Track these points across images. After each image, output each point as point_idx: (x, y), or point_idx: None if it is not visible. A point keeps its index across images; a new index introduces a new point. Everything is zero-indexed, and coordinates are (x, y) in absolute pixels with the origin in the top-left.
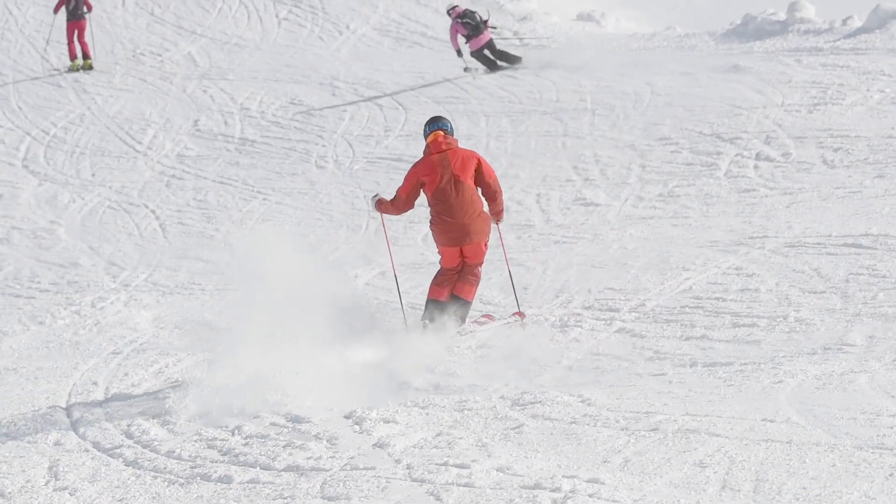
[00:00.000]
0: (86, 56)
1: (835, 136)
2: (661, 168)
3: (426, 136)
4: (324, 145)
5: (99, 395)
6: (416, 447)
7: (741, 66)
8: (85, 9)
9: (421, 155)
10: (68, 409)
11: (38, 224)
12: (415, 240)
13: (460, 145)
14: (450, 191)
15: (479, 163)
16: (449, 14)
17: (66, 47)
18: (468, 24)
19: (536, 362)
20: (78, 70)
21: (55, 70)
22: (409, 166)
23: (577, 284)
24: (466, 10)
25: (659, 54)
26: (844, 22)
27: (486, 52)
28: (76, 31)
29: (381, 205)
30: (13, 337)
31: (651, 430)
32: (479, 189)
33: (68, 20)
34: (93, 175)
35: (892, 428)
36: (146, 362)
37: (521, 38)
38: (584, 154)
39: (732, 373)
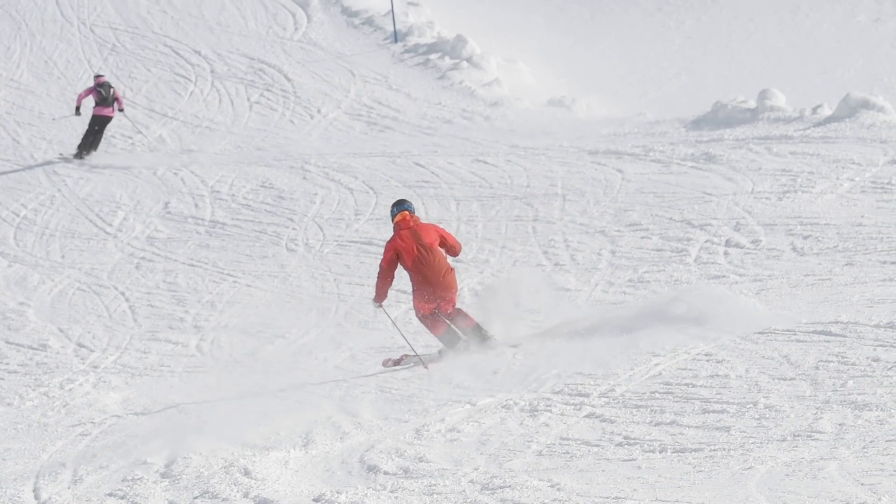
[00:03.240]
0: None
1: (804, 224)
2: (631, 254)
3: (393, 216)
4: (294, 228)
5: (67, 477)
6: None
7: (711, 154)
8: None
9: (391, 233)
10: (36, 491)
11: (7, 305)
12: (385, 323)
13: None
14: (426, 256)
15: (442, 233)
16: (95, 79)
17: (36, 129)
18: (100, 94)
19: (506, 447)
20: None
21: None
22: (379, 250)
23: (546, 369)
24: (107, 82)
25: (629, 140)
26: (814, 110)
27: (97, 127)
28: None
29: (375, 296)
30: None
31: None
32: (444, 249)
33: None
34: (62, 257)
35: None
36: (115, 444)
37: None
38: (554, 239)
39: (702, 459)
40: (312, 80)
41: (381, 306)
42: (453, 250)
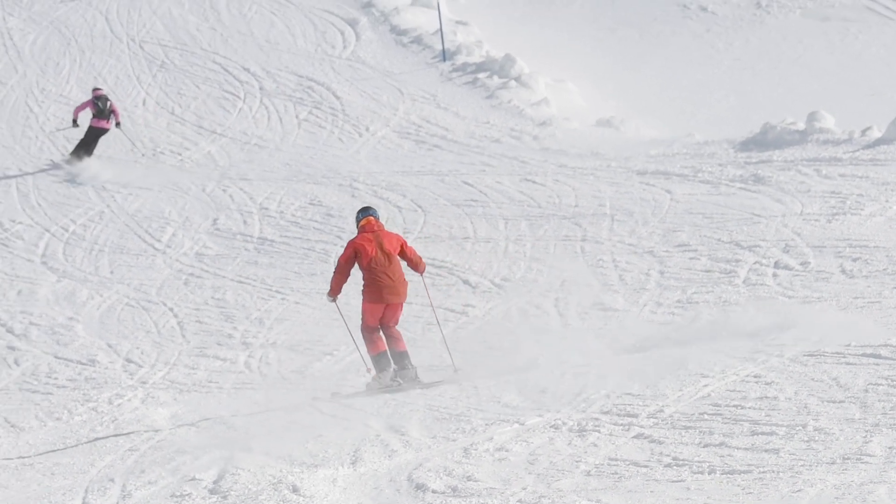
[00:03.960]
0: None
1: (853, 246)
2: (679, 274)
3: (359, 221)
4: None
5: (116, 492)
6: None
7: (760, 175)
8: None
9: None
10: None
11: (56, 320)
12: (433, 341)
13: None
14: (383, 260)
15: (403, 243)
16: (93, 91)
17: (74, 144)
18: (97, 107)
19: (554, 466)
20: None
21: (61, 162)
22: (428, 268)
23: (595, 389)
24: (104, 95)
25: (678, 161)
26: (864, 132)
27: (92, 138)
28: None
29: (330, 290)
30: (30, 432)
31: None
32: (404, 262)
33: None
34: (111, 272)
35: None
36: (163, 459)
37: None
38: (602, 259)
39: (751, 481)
40: (361, 98)
41: (334, 300)
42: (413, 262)
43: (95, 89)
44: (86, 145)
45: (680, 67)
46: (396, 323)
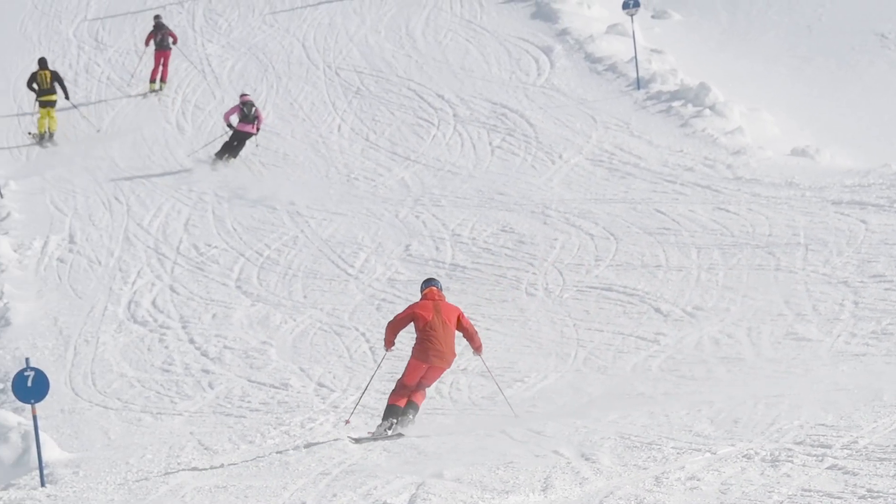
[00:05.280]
0: (163, 80)
1: None
2: (874, 305)
3: (422, 290)
4: (534, 273)
5: None
6: None
7: None
8: (171, 40)
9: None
10: None
11: (249, 344)
12: (623, 369)
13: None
14: (438, 327)
15: (460, 315)
16: (240, 97)
17: (280, 170)
18: (243, 111)
19: (747, 497)
20: (155, 91)
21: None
22: (619, 296)
23: (788, 419)
24: (250, 101)
25: (874, 191)
26: None
27: (237, 141)
28: (162, 59)
29: (385, 343)
30: (223, 455)
31: None
32: (460, 332)
33: (156, 49)
34: (304, 297)
35: None
36: (354, 484)
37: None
38: (796, 289)
39: None
40: (554, 126)
41: (388, 351)
42: (468, 334)
43: (242, 95)
44: (230, 148)
45: (877, 97)
46: (430, 385)
